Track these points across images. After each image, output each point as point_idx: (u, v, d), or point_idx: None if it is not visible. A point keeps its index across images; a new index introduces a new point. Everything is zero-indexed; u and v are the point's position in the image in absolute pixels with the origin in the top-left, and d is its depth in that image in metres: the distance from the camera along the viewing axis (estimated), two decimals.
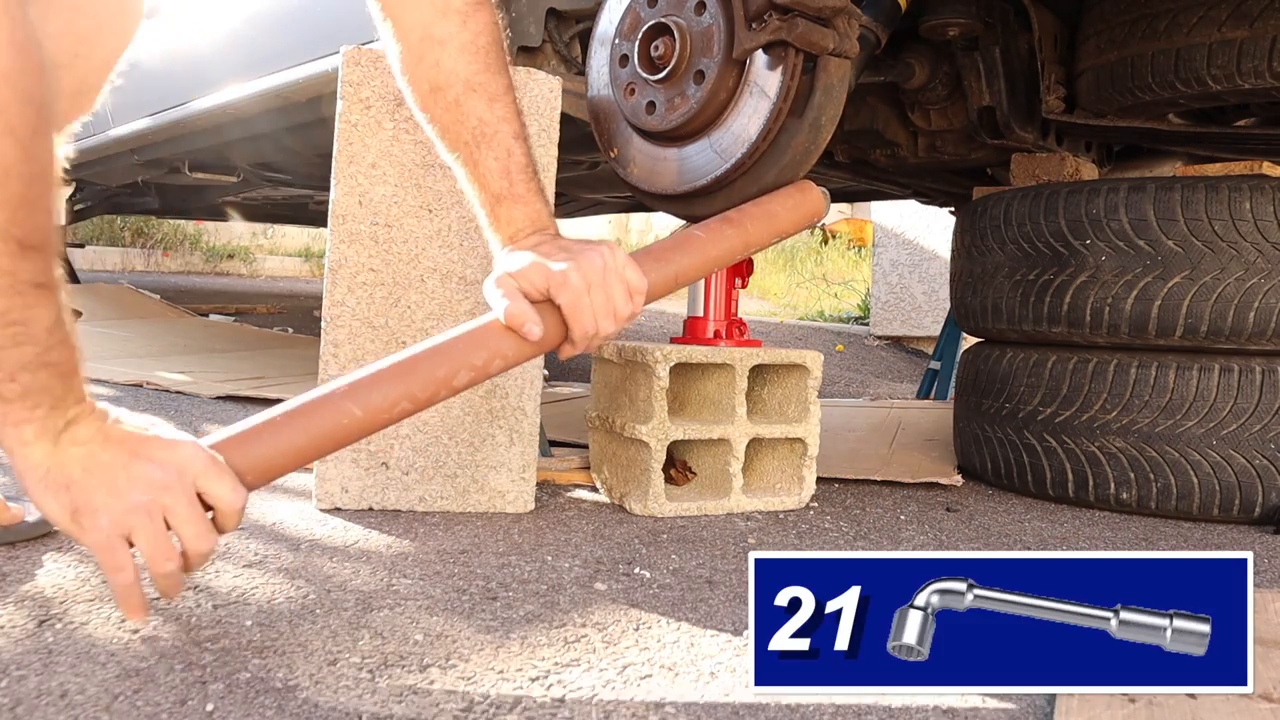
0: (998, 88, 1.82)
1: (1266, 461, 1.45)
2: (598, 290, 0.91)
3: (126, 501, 0.72)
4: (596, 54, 1.45)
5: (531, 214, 0.98)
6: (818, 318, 6.68)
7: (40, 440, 0.72)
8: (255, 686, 0.71)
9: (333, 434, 0.83)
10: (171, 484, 0.73)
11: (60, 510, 0.72)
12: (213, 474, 0.75)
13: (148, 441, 0.75)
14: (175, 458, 0.75)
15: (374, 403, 0.84)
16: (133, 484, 0.73)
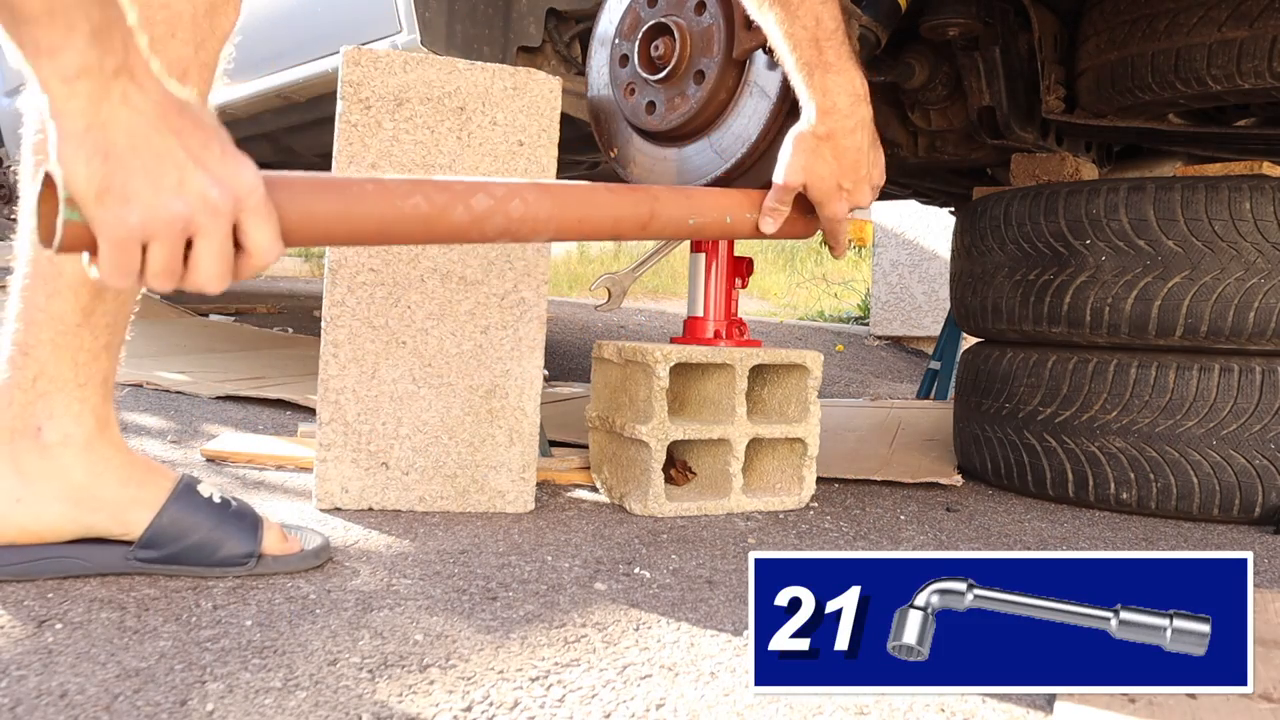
0: (998, 88, 1.82)
1: (1266, 461, 1.45)
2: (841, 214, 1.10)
3: (165, 207, 0.63)
4: (596, 54, 1.45)
5: (846, 83, 1.04)
6: (818, 318, 6.68)
7: (85, 79, 0.59)
8: (255, 686, 0.71)
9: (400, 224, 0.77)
10: (220, 209, 0.64)
11: (88, 180, 0.61)
12: (262, 215, 0.67)
13: (210, 145, 0.66)
14: (234, 181, 0.65)
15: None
16: (181, 191, 0.63)
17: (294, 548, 1.00)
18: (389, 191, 0.78)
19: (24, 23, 0.59)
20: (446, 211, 0.80)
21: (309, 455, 1.47)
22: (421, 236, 0.81)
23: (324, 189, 0.75)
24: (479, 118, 1.30)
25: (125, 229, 0.63)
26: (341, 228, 0.75)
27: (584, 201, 0.92)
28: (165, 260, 0.65)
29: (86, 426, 0.91)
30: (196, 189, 0.64)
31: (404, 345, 1.28)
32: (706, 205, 1.04)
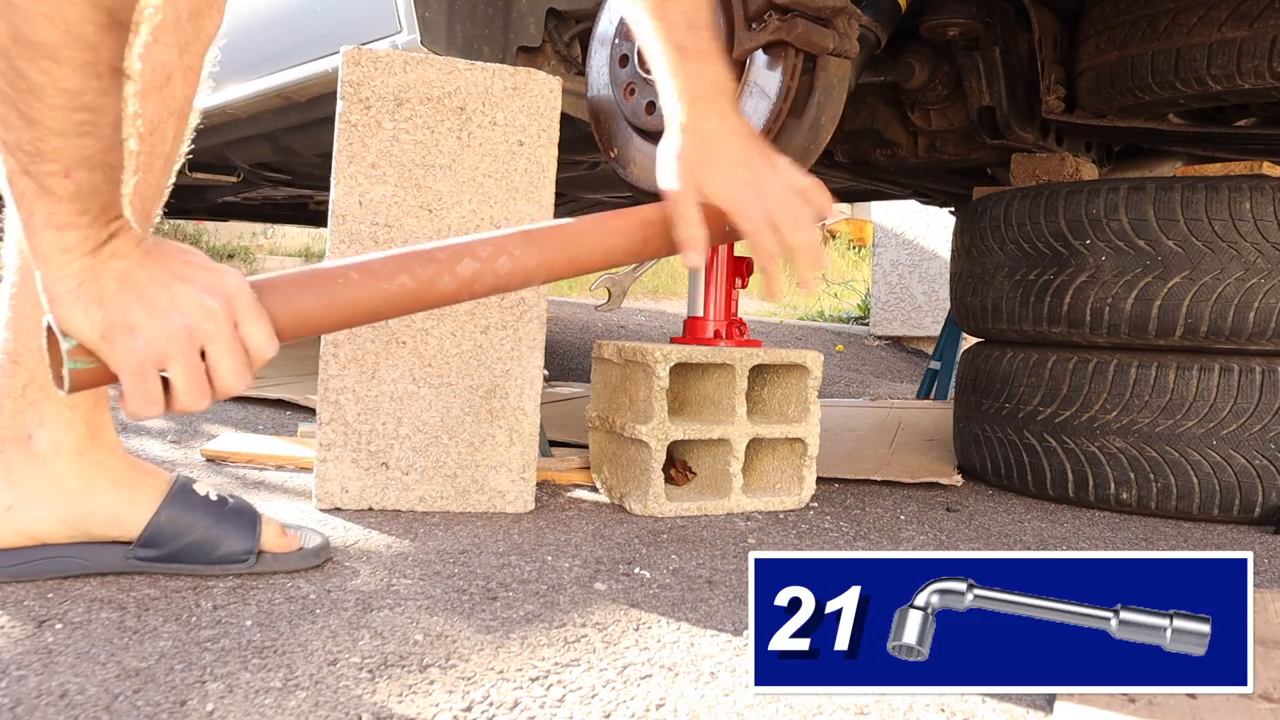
0: (998, 88, 1.82)
1: (1266, 461, 1.45)
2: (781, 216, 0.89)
3: (167, 324, 0.66)
4: (596, 54, 1.46)
5: (714, 73, 0.94)
6: (818, 318, 6.68)
7: (80, 249, 0.65)
8: (255, 686, 0.71)
9: (389, 304, 0.79)
10: (215, 313, 0.67)
11: (91, 327, 0.66)
12: (254, 313, 0.69)
13: (191, 263, 0.69)
14: (222, 286, 0.68)
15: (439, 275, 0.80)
16: (175, 306, 0.67)
17: (293, 544, 1.00)
18: (374, 275, 0.79)
19: (43, 196, 0.64)
20: (434, 283, 0.81)
21: (309, 455, 1.47)
22: (413, 309, 0.83)
23: (309, 285, 0.76)
24: (479, 118, 1.30)
25: (137, 356, 0.66)
26: (332, 318, 0.77)
27: (573, 240, 0.89)
28: (188, 376, 0.68)
29: (77, 433, 0.91)
30: (191, 300, 0.67)
31: (404, 345, 1.28)
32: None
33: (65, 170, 0.64)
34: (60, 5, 0.60)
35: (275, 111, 2.13)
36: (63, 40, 0.60)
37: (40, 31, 0.59)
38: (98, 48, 0.62)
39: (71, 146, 0.63)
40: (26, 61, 0.60)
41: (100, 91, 0.63)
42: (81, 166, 0.64)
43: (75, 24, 0.60)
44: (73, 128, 0.63)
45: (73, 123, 0.63)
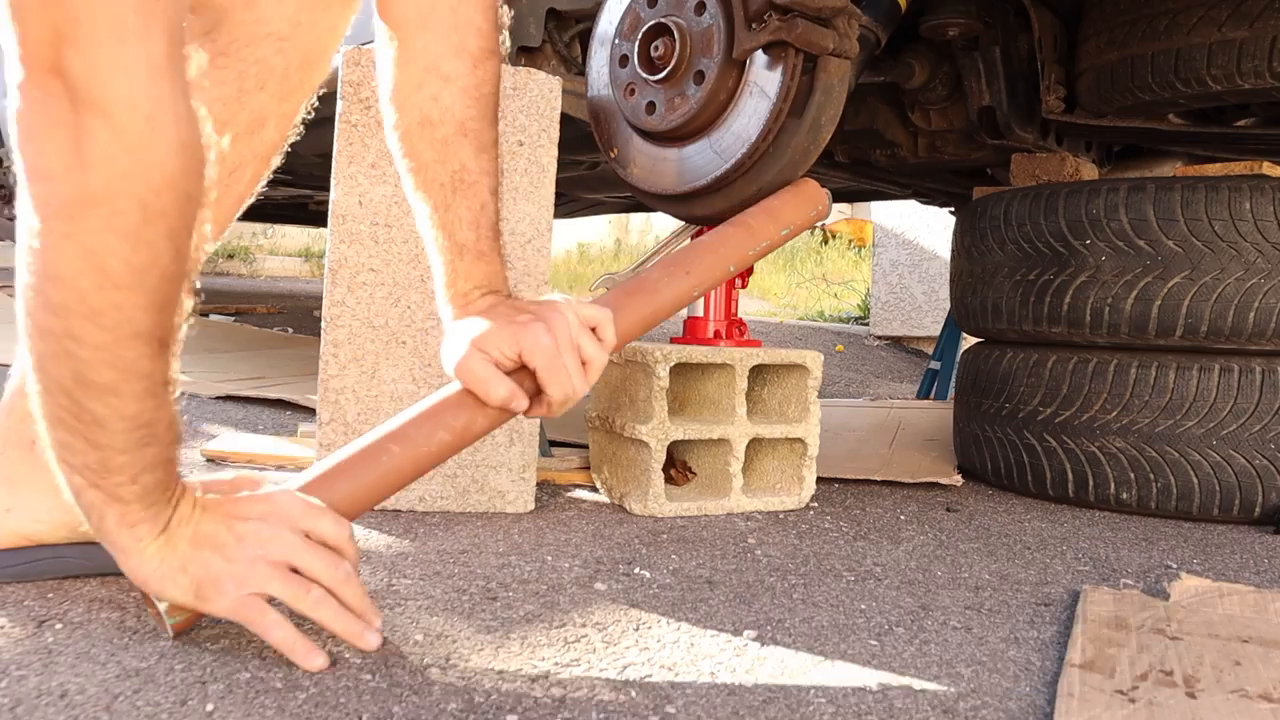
0: (998, 88, 1.82)
1: (1266, 461, 1.45)
2: (568, 352, 0.87)
3: (242, 561, 0.73)
4: (596, 54, 1.46)
5: (491, 273, 0.93)
6: (818, 318, 6.68)
7: (152, 535, 0.72)
8: (255, 686, 0.71)
9: (431, 459, 0.86)
10: (280, 534, 0.74)
11: (184, 593, 0.73)
12: (312, 514, 0.76)
13: (241, 502, 0.77)
14: (274, 509, 0.76)
15: None
16: (242, 544, 0.74)
17: None
18: (413, 442, 0.85)
19: (113, 504, 0.70)
20: (470, 428, 0.87)
21: (309, 455, 1.47)
22: (455, 452, 0.88)
23: (355, 470, 0.83)
24: None
25: (232, 598, 0.73)
26: (384, 490, 0.85)
27: None
28: (283, 585, 0.74)
29: None
30: (252, 534, 0.74)
31: (404, 345, 1.28)
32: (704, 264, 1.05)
33: (132, 478, 0.70)
34: (118, 350, 0.65)
35: None
36: (122, 378, 0.66)
37: (101, 375, 0.65)
38: (151, 374, 0.68)
39: (135, 459, 0.69)
40: (90, 399, 0.66)
41: (156, 407, 0.69)
42: (146, 471, 0.70)
43: (133, 361, 0.66)
44: (135, 443, 0.68)
45: (134, 439, 0.68)
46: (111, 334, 0.64)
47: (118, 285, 0.64)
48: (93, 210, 0.62)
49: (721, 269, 1.10)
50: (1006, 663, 0.86)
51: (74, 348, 0.64)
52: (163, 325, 0.68)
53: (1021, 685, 0.81)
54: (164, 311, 0.67)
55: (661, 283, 1.04)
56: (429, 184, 0.94)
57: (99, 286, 0.63)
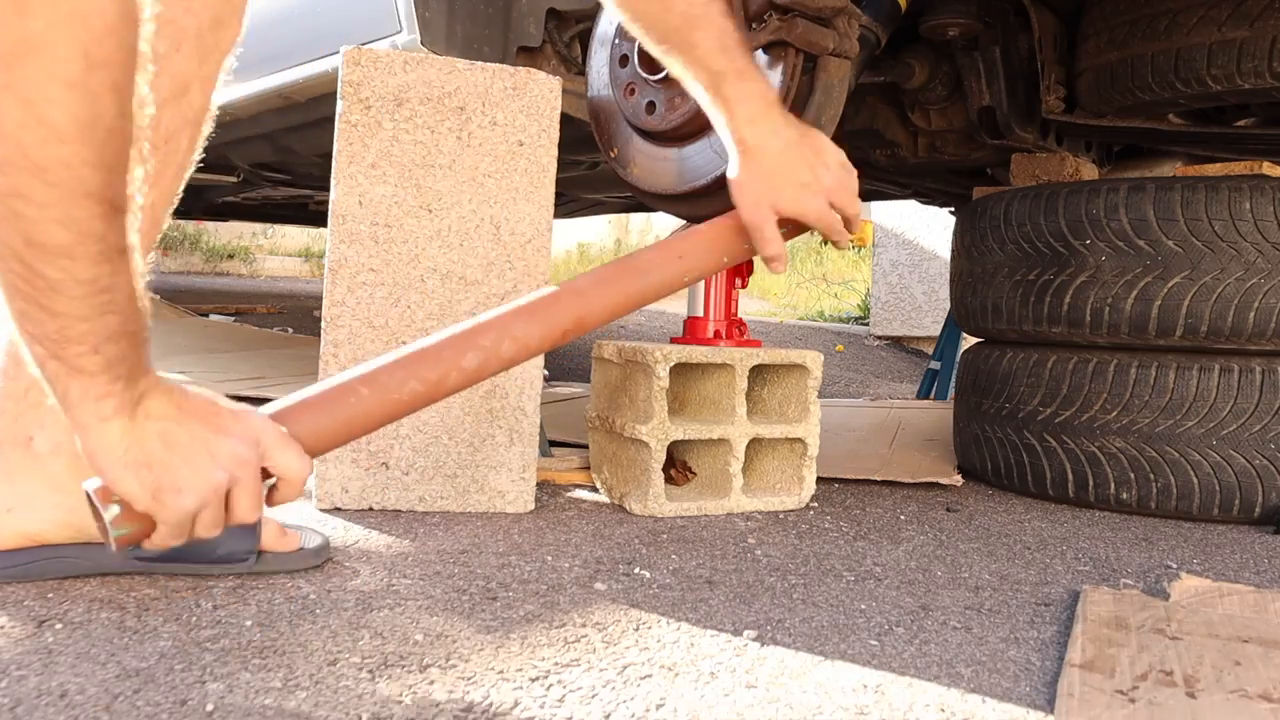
0: (998, 88, 1.82)
1: (1266, 461, 1.45)
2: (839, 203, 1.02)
3: (212, 480, 0.71)
4: (596, 54, 1.46)
5: (759, 89, 0.98)
6: (818, 318, 6.68)
7: (119, 415, 0.70)
8: (255, 686, 0.71)
9: (401, 408, 0.83)
10: (249, 460, 0.72)
11: (141, 489, 0.70)
12: (281, 446, 0.74)
13: (220, 414, 0.74)
14: (250, 431, 0.73)
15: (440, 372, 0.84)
16: (216, 461, 0.71)
17: (293, 543, 1.00)
18: (383, 387, 0.82)
19: (76, 375, 0.68)
20: (443, 382, 0.85)
21: None
22: (427, 404, 0.86)
23: (323, 407, 0.80)
24: (479, 118, 1.30)
25: (184, 512, 0.71)
26: (351, 432, 0.82)
27: (574, 306, 0.92)
28: (213, 517, 0.72)
29: None
30: (228, 454, 0.72)
31: (404, 345, 1.28)
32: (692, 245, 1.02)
33: (94, 348, 0.67)
34: (68, 208, 0.63)
35: (275, 112, 2.13)
36: (74, 239, 0.64)
37: (53, 235, 0.63)
38: (105, 236, 0.65)
39: (95, 327, 0.67)
40: (43, 263, 0.64)
41: (113, 273, 0.67)
42: (108, 341, 0.68)
43: (83, 221, 0.64)
44: (94, 310, 0.66)
45: (93, 306, 0.66)
46: (59, 191, 0.63)
47: (62, 139, 0.62)
48: (32, 58, 0.60)
49: (715, 258, 1.08)
50: (1006, 663, 0.86)
51: (21, 207, 0.62)
52: (113, 186, 0.65)
53: (1021, 685, 0.81)
54: (113, 172, 0.65)
55: (653, 265, 1.03)
56: (665, 34, 0.98)
57: (43, 140, 0.61)
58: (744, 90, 0.97)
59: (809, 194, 1.00)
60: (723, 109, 0.98)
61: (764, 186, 0.99)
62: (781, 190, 0.99)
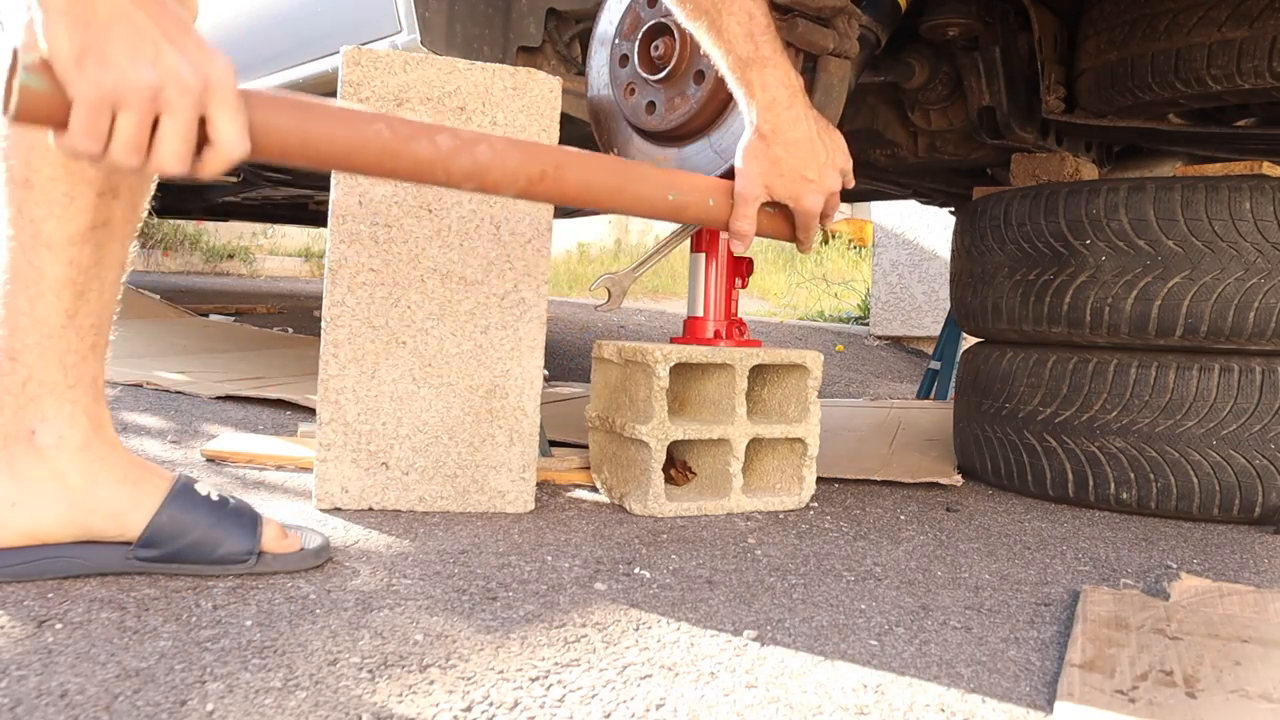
0: (998, 88, 1.82)
1: (1266, 461, 1.45)
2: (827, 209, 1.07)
3: (140, 75, 0.65)
4: (596, 54, 1.46)
5: (782, 76, 1.01)
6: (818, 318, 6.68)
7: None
8: (255, 686, 0.71)
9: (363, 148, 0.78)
10: (189, 87, 0.67)
11: (68, 45, 0.65)
12: (231, 107, 0.69)
13: (188, 32, 0.69)
14: (207, 65, 0.68)
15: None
16: (155, 63, 0.66)
17: (293, 544, 1.00)
18: (353, 116, 0.79)
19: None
20: (410, 142, 0.81)
21: (309, 455, 1.47)
22: (388, 168, 0.81)
23: (289, 106, 0.75)
24: (479, 118, 1.30)
25: (100, 91, 0.65)
26: (305, 145, 0.76)
27: (553, 160, 0.90)
28: (132, 131, 0.66)
29: (81, 428, 0.91)
30: (170, 64, 0.66)
31: (404, 345, 1.28)
32: (686, 185, 1.02)
33: None
34: None
35: None
36: None
37: None
38: None
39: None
40: None
41: None
42: None
43: None
44: None
45: None
46: None
47: None
48: None
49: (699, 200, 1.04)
50: (1006, 663, 0.86)
51: None
52: None
53: (1021, 685, 0.81)
54: None
55: (642, 175, 1.01)
56: (696, 12, 1.00)
57: None
58: (768, 77, 1.00)
59: (809, 189, 1.03)
60: (746, 92, 1.02)
61: (767, 166, 1.02)
62: (783, 176, 1.02)
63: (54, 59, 0.65)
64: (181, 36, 0.68)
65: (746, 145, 1.03)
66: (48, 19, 0.65)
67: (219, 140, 0.69)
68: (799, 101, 1.02)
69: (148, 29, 0.67)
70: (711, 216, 1.04)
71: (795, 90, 1.02)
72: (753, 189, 1.03)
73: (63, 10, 0.65)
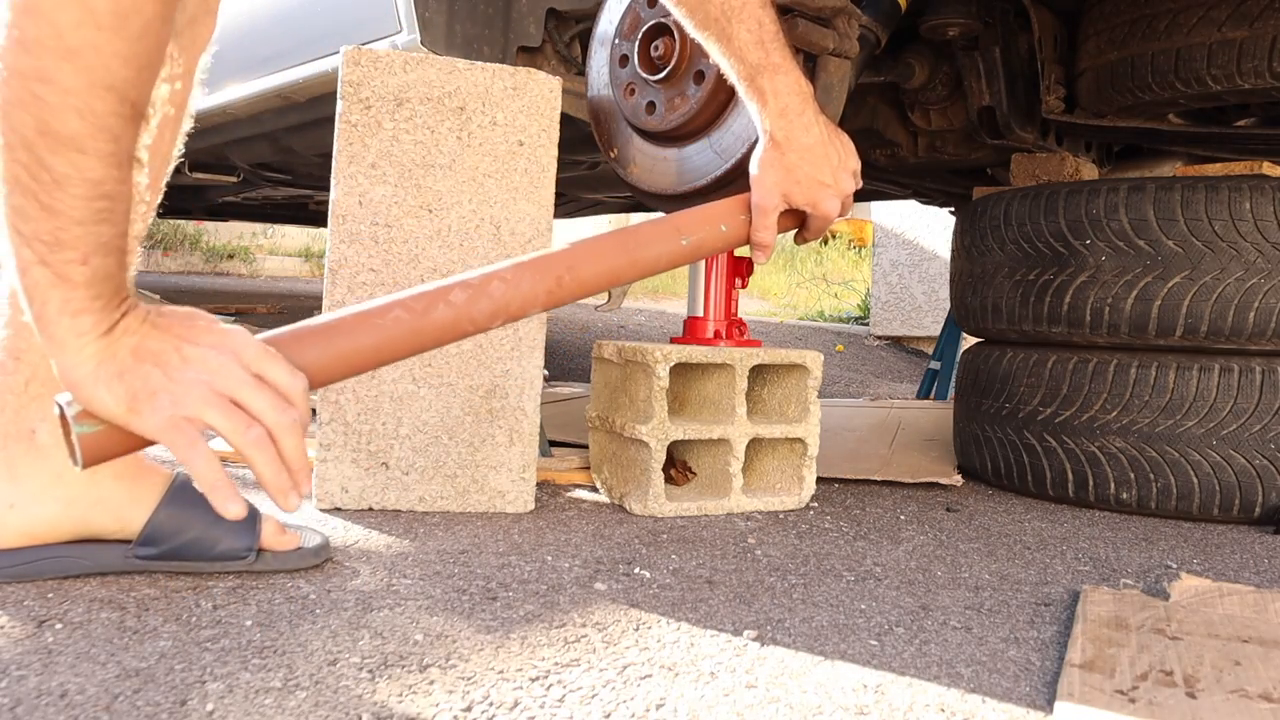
0: (998, 88, 1.82)
1: (1266, 461, 1.45)
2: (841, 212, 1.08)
3: (184, 381, 0.68)
4: (596, 54, 1.45)
5: (793, 83, 1.01)
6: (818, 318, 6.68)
7: (94, 333, 0.68)
8: (255, 686, 0.71)
9: (391, 341, 0.80)
10: (227, 365, 0.70)
11: (116, 401, 0.68)
12: (267, 358, 0.71)
13: (196, 326, 0.72)
14: (227, 341, 0.71)
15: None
16: (187, 365, 0.69)
17: (292, 542, 1.00)
18: (368, 315, 0.80)
19: (59, 285, 0.66)
20: (429, 314, 0.83)
21: (309, 455, 1.47)
22: (420, 343, 0.84)
23: (309, 335, 0.78)
24: (479, 118, 1.30)
25: (165, 415, 0.68)
26: (342, 364, 0.79)
27: (564, 264, 0.92)
28: (223, 415, 0.69)
29: None
30: (201, 357, 0.70)
31: None
32: (694, 222, 1.03)
33: (83, 257, 0.66)
34: (89, 98, 0.61)
35: (275, 111, 2.13)
36: (90, 132, 0.62)
37: (69, 124, 0.62)
38: (120, 138, 0.64)
39: (90, 234, 0.65)
40: (52, 154, 0.62)
41: (119, 180, 0.65)
42: (98, 253, 0.66)
43: (102, 116, 0.62)
44: (92, 215, 0.65)
45: (93, 210, 0.64)
46: (85, 78, 0.61)
47: (99, 24, 0.61)
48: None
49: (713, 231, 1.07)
50: (1006, 663, 0.86)
51: (43, 91, 0.61)
52: (137, 86, 0.64)
53: (1021, 685, 0.81)
54: (141, 71, 0.64)
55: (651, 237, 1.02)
56: (705, 22, 1.01)
57: (79, 23, 0.60)
58: (778, 84, 1.01)
59: (826, 193, 1.04)
60: (756, 100, 1.02)
61: (783, 174, 1.02)
62: (799, 183, 1.03)
63: (110, 417, 0.69)
64: (191, 332, 0.71)
65: (761, 155, 1.04)
66: (83, 388, 0.68)
67: (277, 385, 0.72)
68: (810, 107, 1.03)
69: (166, 345, 0.70)
70: (729, 239, 1.05)
71: (806, 96, 1.03)
72: (771, 198, 1.03)
73: (94, 376, 0.68)
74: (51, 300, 0.67)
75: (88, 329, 0.68)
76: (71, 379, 0.68)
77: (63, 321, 0.67)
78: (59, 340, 0.68)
